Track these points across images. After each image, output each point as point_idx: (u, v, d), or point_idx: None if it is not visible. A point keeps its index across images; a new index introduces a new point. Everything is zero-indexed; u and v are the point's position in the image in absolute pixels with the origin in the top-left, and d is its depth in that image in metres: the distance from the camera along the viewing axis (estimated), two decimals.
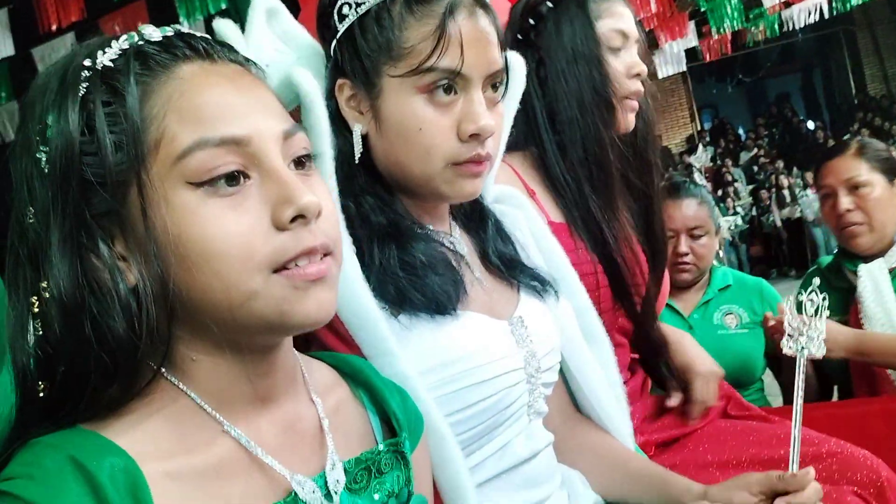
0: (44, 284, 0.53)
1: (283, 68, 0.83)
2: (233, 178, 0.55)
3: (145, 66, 0.56)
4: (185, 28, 0.60)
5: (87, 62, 0.55)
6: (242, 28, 0.84)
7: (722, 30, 6.62)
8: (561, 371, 0.99)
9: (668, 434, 1.18)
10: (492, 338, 0.84)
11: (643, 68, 1.21)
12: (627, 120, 1.21)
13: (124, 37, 0.57)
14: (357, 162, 0.85)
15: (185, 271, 0.54)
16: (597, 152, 1.18)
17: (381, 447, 0.65)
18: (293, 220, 0.55)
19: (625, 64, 1.19)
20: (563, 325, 0.98)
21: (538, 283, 0.96)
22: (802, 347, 0.92)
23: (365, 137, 0.85)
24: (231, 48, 0.61)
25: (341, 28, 0.84)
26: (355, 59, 0.83)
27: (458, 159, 0.83)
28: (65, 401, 0.54)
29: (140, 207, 0.53)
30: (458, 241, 0.92)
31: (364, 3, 0.82)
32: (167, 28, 0.59)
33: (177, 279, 0.54)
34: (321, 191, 0.59)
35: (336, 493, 0.59)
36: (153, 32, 0.58)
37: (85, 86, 0.55)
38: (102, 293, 0.53)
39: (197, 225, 0.53)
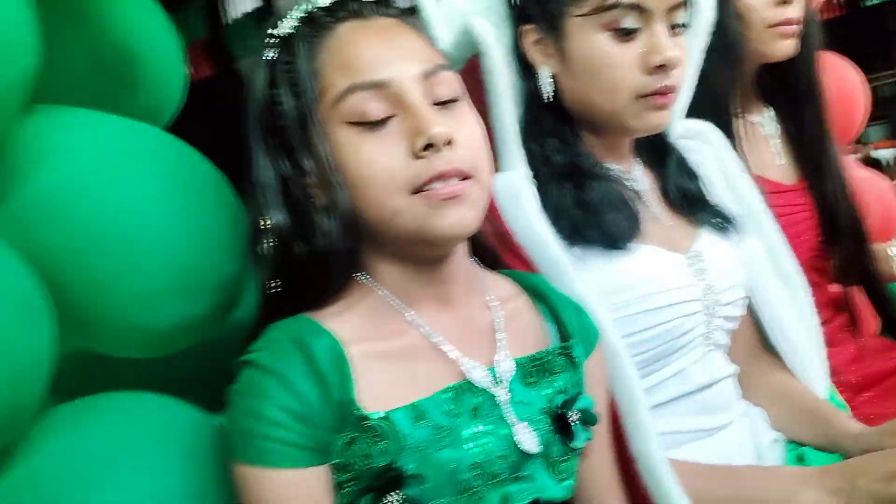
0: (265, 213, 0.67)
1: (464, 15, 0.89)
2: (381, 120, 0.63)
3: (313, 29, 0.67)
4: None
5: (270, 31, 0.68)
6: None
7: None
8: (752, 308, 0.97)
9: (868, 372, 1.12)
10: (667, 269, 0.85)
11: None
12: (778, 47, 1.15)
13: (302, 6, 0.69)
14: (545, 102, 0.89)
15: (352, 189, 0.64)
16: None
17: (553, 349, 0.70)
18: (425, 148, 0.61)
19: None
20: (751, 263, 0.96)
21: (720, 220, 0.95)
22: None
23: (552, 79, 0.89)
24: (385, 4, 0.70)
25: None
26: (539, 4, 0.87)
27: (645, 91, 0.84)
28: (290, 297, 0.66)
29: (316, 143, 0.64)
30: (639, 178, 0.94)
31: None
32: None
33: (348, 194, 0.64)
34: (465, 123, 0.66)
35: (504, 381, 0.65)
36: (321, 0, 0.69)
37: (270, 51, 0.67)
38: (302, 216, 0.65)
39: (352, 156, 0.63)
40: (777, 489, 0.80)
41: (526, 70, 0.90)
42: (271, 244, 0.67)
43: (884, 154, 4.26)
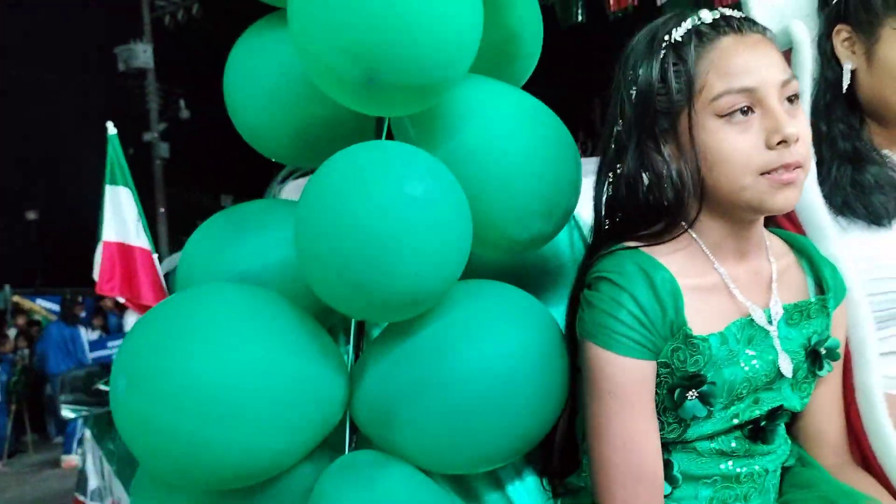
0: (618, 166, 0.93)
1: (787, 15, 1.09)
2: (744, 113, 0.86)
3: (700, 40, 0.89)
4: (728, 11, 0.91)
5: (666, 37, 0.90)
6: None
7: None
8: None
9: None
10: None
11: None
12: None
13: (690, 19, 0.90)
14: (842, 93, 1.07)
15: (707, 168, 0.88)
16: None
17: (812, 300, 0.94)
18: (779, 143, 0.84)
19: None
20: None
21: None
22: None
23: (853, 73, 1.07)
24: (754, 22, 0.90)
25: None
26: (861, 10, 1.04)
27: None
28: (626, 232, 0.94)
29: (687, 127, 0.88)
30: None
31: None
32: (716, 11, 0.91)
33: (700, 171, 0.88)
34: (802, 123, 0.87)
35: (775, 321, 0.91)
36: (707, 16, 0.90)
37: (663, 51, 0.90)
38: (657, 174, 0.90)
39: (717, 141, 0.87)
40: None
41: (829, 61, 1.08)
42: (609, 194, 0.95)
43: None
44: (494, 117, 1.06)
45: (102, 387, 2.62)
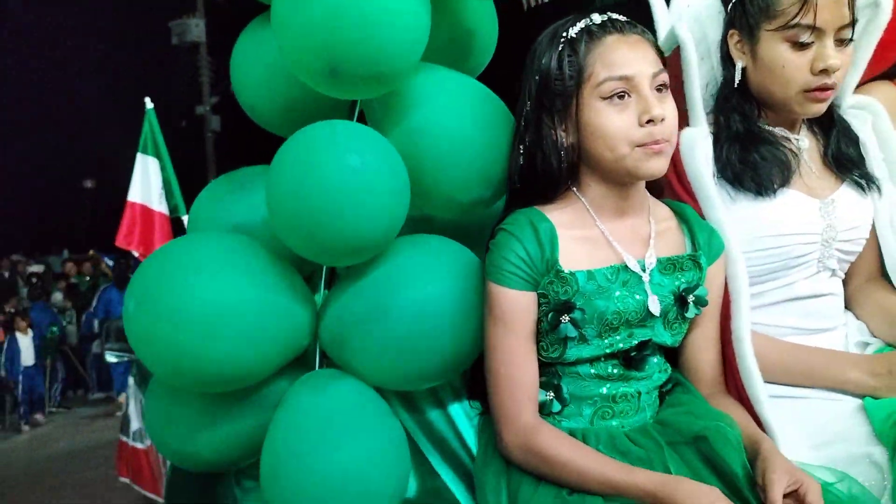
0: (526, 139, 1.15)
1: (702, 19, 1.30)
2: (621, 97, 1.07)
3: (590, 37, 1.10)
4: (614, 15, 1.12)
5: (564, 33, 1.12)
6: None
7: None
8: (879, 243, 1.30)
9: None
10: (799, 210, 1.22)
11: None
12: None
13: (584, 20, 1.11)
14: (735, 87, 1.27)
15: (591, 142, 1.10)
16: None
17: (686, 255, 1.15)
18: (648, 122, 1.06)
19: None
20: (884, 209, 1.29)
21: (864, 181, 1.27)
22: None
23: (743, 70, 1.26)
24: (635, 24, 1.11)
25: None
26: (744, 17, 1.23)
27: (809, 87, 1.20)
28: (527, 194, 1.16)
29: (575, 107, 1.10)
30: (803, 138, 1.29)
31: None
32: (605, 15, 1.11)
33: (586, 144, 1.10)
34: (669, 106, 1.08)
35: (648, 269, 1.12)
36: (597, 18, 1.11)
37: (561, 45, 1.11)
38: (550, 146, 1.12)
39: (601, 118, 1.08)
40: (834, 366, 1.18)
41: (727, 61, 1.28)
42: (521, 162, 1.16)
43: None
44: (445, 100, 1.27)
45: None
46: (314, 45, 1.10)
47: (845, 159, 1.29)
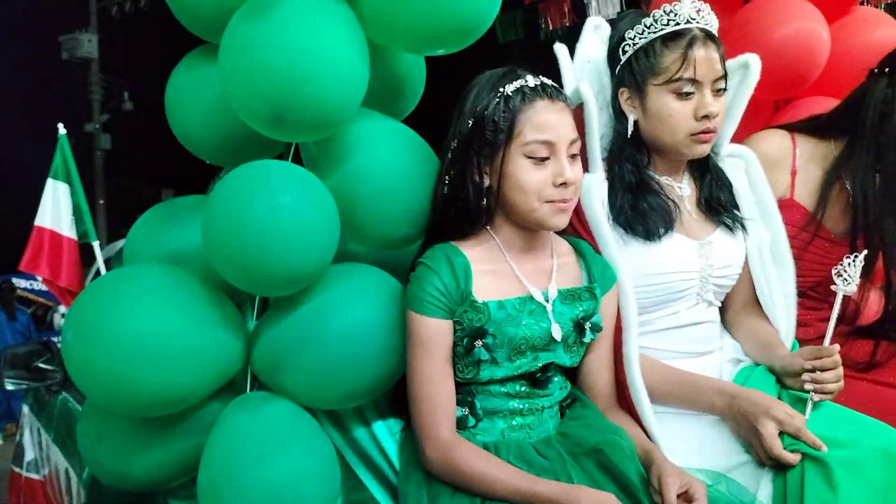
0: (451, 174, 1.28)
1: (588, 72, 1.48)
2: (542, 159, 1.22)
3: (523, 98, 1.23)
4: (543, 80, 1.26)
5: (501, 88, 1.24)
6: None
7: None
8: (752, 275, 1.50)
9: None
10: (681, 251, 1.41)
11: None
12: None
13: (519, 80, 1.24)
14: (628, 138, 1.45)
15: (510, 191, 1.24)
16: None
17: (583, 287, 1.31)
18: (561, 183, 1.21)
19: None
20: (755, 246, 1.49)
21: (732, 222, 1.48)
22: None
23: (635, 123, 1.45)
24: (561, 92, 1.26)
25: (623, 59, 1.44)
26: (632, 76, 1.43)
27: (694, 132, 1.40)
28: (445, 230, 1.29)
29: (501, 157, 1.23)
30: (685, 185, 1.49)
31: (638, 44, 1.41)
32: (538, 79, 1.25)
33: (504, 191, 1.24)
34: (577, 171, 1.24)
35: (551, 300, 1.27)
36: (531, 81, 1.25)
37: (497, 99, 1.24)
38: (471, 185, 1.25)
39: (521, 173, 1.23)
40: (703, 392, 1.36)
41: (619, 116, 1.47)
42: (445, 191, 1.28)
43: None
44: (379, 145, 1.38)
45: (42, 365, 2.86)
46: (260, 92, 1.19)
47: (716, 203, 1.49)
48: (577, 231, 1.41)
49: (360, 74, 1.26)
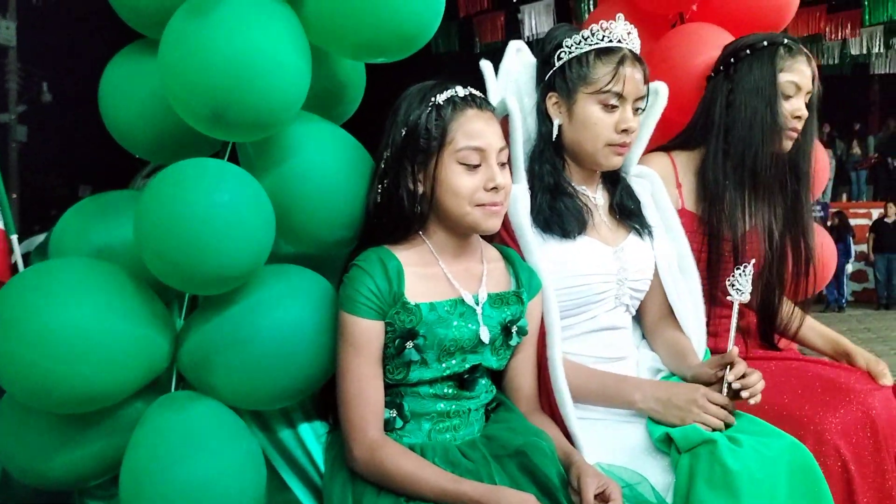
0: (385, 181, 1.31)
1: (511, 89, 1.55)
2: (474, 166, 1.27)
3: (454, 107, 1.29)
4: (472, 90, 1.31)
5: (433, 98, 1.29)
6: None
7: None
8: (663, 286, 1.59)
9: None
10: (597, 254, 1.49)
11: (804, 113, 1.69)
12: (784, 144, 1.71)
13: (449, 90, 1.29)
14: (550, 142, 1.52)
15: (443, 196, 1.28)
16: (752, 164, 1.70)
17: (510, 291, 1.36)
18: (491, 188, 1.26)
19: (792, 107, 1.68)
20: (663, 259, 1.59)
21: (640, 228, 1.58)
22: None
23: (560, 127, 1.52)
24: (488, 102, 1.33)
25: (557, 64, 1.51)
26: (563, 83, 1.50)
27: (613, 143, 1.48)
28: (379, 234, 1.32)
29: (434, 164, 1.28)
30: (599, 195, 1.57)
31: (573, 53, 1.49)
32: (467, 89, 1.31)
33: (438, 197, 1.28)
34: (506, 176, 1.30)
35: (480, 303, 1.31)
36: (461, 91, 1.30)
37: (429, 108, 1.28)
38: (405, 192, 1.29)
39: (454, 179, 1.28)
40: (624, 390, 1.43)
41: (544, 119, 1.54)
42: (378, 201, 1.32)
43: None
44: (316, 148, 1.39)
45: None
46: (201, 89, 1.19)
47: (627, 210, 1.59)
48: (504, 238, 1.47)
49: (302, 77, 1.27)
